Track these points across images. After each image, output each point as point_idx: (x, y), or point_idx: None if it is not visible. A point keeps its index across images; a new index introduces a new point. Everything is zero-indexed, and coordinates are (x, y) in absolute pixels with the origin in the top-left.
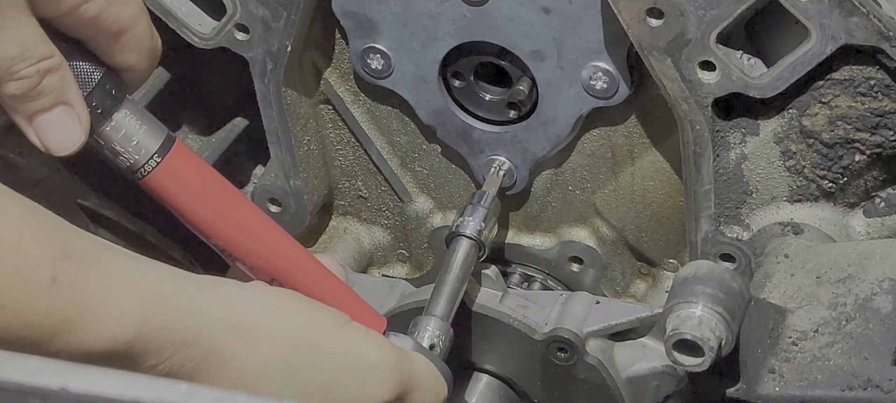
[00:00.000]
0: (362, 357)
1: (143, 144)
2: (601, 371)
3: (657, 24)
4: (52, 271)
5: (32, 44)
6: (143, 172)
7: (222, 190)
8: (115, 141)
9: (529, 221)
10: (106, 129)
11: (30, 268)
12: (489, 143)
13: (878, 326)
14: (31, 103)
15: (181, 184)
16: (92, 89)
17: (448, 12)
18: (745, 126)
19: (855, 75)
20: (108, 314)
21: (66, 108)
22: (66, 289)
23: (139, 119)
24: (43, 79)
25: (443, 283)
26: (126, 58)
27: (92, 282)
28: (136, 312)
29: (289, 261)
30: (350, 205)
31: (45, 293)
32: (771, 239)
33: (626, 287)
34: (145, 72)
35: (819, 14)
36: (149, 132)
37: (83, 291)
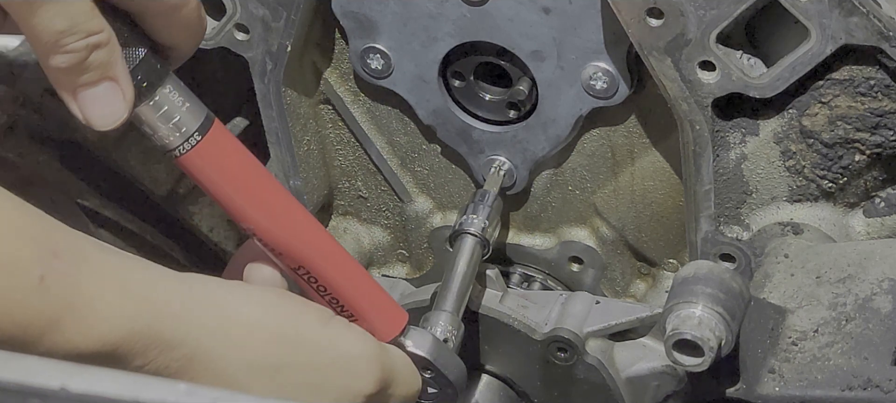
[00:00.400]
0: (346, 351)
1: (183, 123)
2: (601, 371)
3: (657, 24)
4: (42, 270)
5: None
6: (181, 151)
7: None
8: (156, 118)
9: (529, 221)
10: (148, 105)
11: (19, 267)
12: (489, 143)
13: (878, 326)
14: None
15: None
16: (137, 64)
17: (448, 12)
18: (745, 126)
19: (855, 75)
20: (97, 314)
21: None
22: (56, 288)
23: (182, 97)
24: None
25: (451, 279)
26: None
27: (82, 282)
28: (124, 313)
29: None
30: (350, 205)
31: (34, 292)
32: (771, 239)
33: (626, 287)
34: (188, 52)
35: (819, 14)
36: (190, 111)
37: (73, 291)
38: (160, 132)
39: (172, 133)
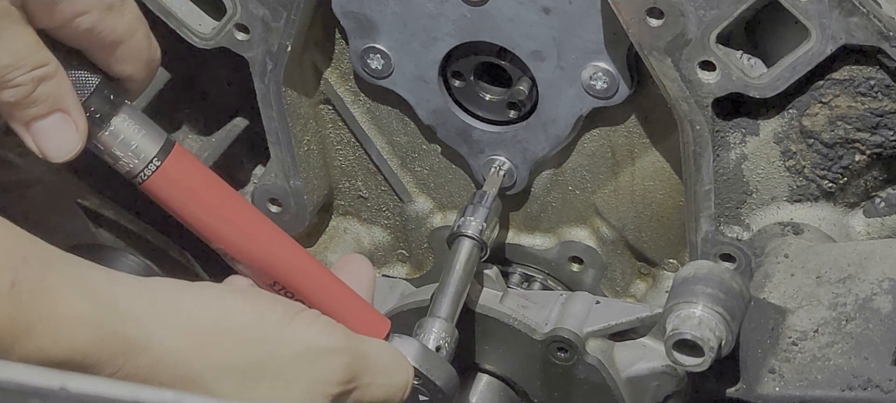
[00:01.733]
0: (311, 344)
1: (142, 149)
2: (601, 371)
3: (657, 24)
4: (12, 275)
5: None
6: (143, 177)
7: (222, 193)
8: (114, 146)
9: (529, 221)
10: (104, 134)
11: None
12: (489, 143)
13: (878, 326)
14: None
15: (181, 188)
16: (89, 95)
17: (448, 12)
18: (745, 126)
19: (855, 75)
20: (66, 321)
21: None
22: (27, 294)
23: (138, 124)
24: (38, 86)
25: (446, 284)
26: (123, 68)
27: (50, 289)
28: (91, 319)
29: (291, 265)
30: (350, 205)
31: (6, 297)
32: (771, 239)
33: (626, 287)
34: (144, 81)
35: (819, 14)
36: (148, 136)
37: (42, 297)
38: (121, 160)
39: (132, 159)
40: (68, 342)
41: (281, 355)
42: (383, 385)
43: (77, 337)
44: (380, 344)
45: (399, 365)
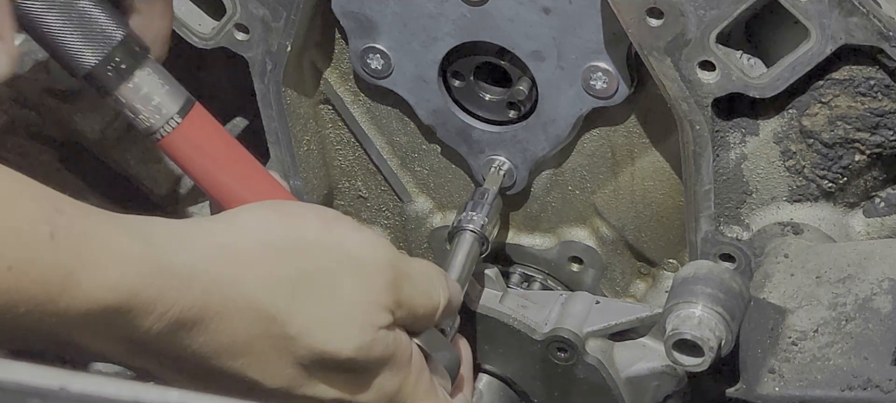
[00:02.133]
0: (355, 252)
1: (163, 105)
2: (601, 371)
3: (657, 24)
4: (50, 226)
5: None
6: (162, 133)
7: (239, 157)
8: (136, 100)
9: (529, 221)
10: (127, 87)
11: (28, 226)
12: (489, 143)
13: (878, 326)
14: None
15: (199, 148)
16: (114, 46)
17: (448, 12)
18: (745, 126)
19: (855, 75)
20: (110, 260)
21: None
22: (65, 242)
23: (161, 79)
24: None
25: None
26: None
27: (88, 233)
28: (135, 255)
29: None
30: (350, 205)
31: (46, 247)
32: (771, 239)
33: (626, 287)
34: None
35: (819, 14)
36: (170, 93)
37: (81, 242)
38: (141, 114)
39: (153, 115)
40: (116, 281)
41: (326, 264)
42: (422, 305)
43: (124, 275)
44: (420, 261)
45: (434, 284)
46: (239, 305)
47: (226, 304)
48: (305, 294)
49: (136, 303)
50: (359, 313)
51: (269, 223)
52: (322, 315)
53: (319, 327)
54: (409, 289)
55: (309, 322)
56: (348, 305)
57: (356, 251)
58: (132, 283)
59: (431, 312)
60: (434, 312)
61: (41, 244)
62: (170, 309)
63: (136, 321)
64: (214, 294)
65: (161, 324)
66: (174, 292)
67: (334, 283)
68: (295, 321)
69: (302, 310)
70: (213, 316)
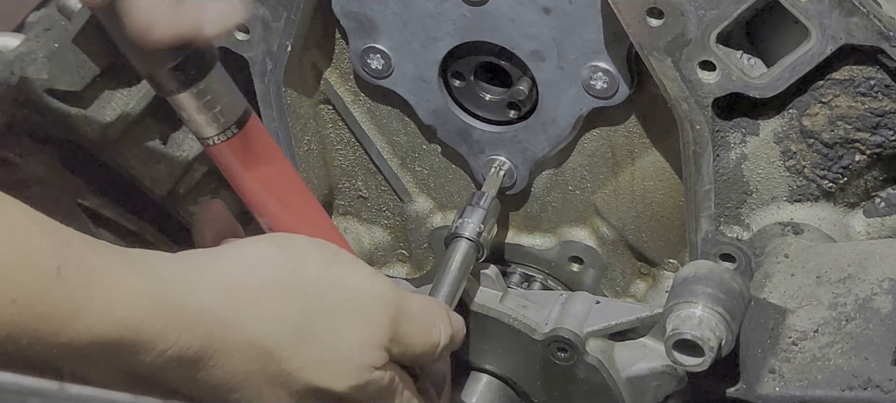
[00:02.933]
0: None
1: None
2: (601, 371)
3: (657, 24)
4: (57, 261)
5: None
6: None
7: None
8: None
9: (529, 221)
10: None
11: (36, 260)
12: (489, 143)
13: (878, 326)
14: None
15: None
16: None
17: (448, 12)
18: (745, 126)
19: (855, 75)
20: (116, 298)
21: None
22: (73, 277)
23: (226, 87)
24: None
25: (440, 283)
26: None
27: (96, 269)
28: (141, 294)
29: None
30: (350, 205)
31: (52, 282)
32: (771, 239)
33: (626, 287)
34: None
35: (819, 14)
36: (230, 104)
37: (89, 278)
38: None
39: (211, 123)
40: (121, 317)
41: (327, 303)
42: (420, 343)
43: (130, 312)
44: (421, 298)
45: (436, 322)
46: (240, 344)
47: (227, 344)
48: (306, 333)
49: (139, 339)
50: (356, 354)
51: (274, 259)
52: (321, 355)
53: (317, 366)
54: (408, 327)
55: (308, 360)
56: (347, 346)
57: (357, 290)
58: (137, 320)
59: (430, 350)
60: (433, 350)
61: (47, 278)
62: (172, 346)
63: (138, 356)
64: (217, 334)
65: (162, 360)
66: (177, 331)
67: (334, 324)
68: (294, 359)
69: (302, 350)
70: (213, 354)
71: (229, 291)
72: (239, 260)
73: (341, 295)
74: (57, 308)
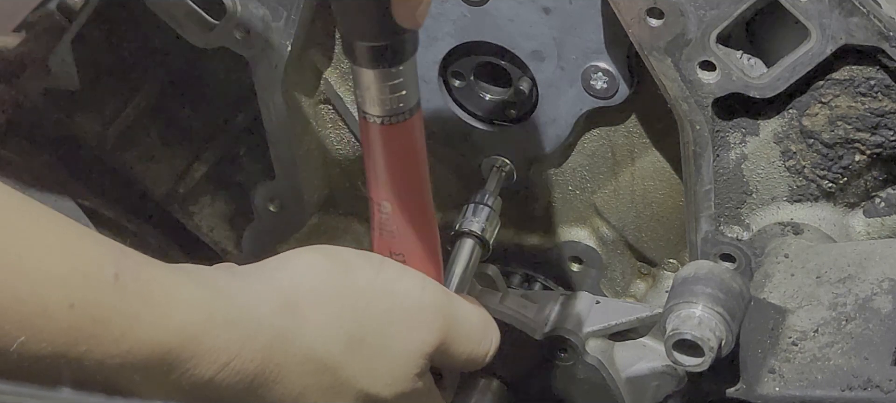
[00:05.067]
0: (405, 299)
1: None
2: (601, 371)
3: (657, 24)
4: (115, 268)
5: None
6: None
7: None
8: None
9: (529, 221)
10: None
11: (94, 267)
12: (489, 143)
13: (878, 326)
14: None
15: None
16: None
17: (448, 12)
18: (745, 126)
19: (855, 75)
20: (176, 305)
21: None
22: (132, 285)
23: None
24: None
25: (448, 281)
26: None
27: (155, 278)
28: (201, 302)
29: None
30: (350, 205)
31: (111, 288)
32: (771, 239)
33: (626, 287)
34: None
35: (819, 14)
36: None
37: (148, 286)
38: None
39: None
40: (181, 325)
41: (377, 310)
42: (467, 351)
43: (190, 320)
44: (471, 307)
45: (486, 329)
46: (299, 357)
47: (286, 358)
48: (358, 343)
49: (199, 351)
50: (403, 363)
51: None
52: (372, 364)
53: (369, 374)
54: (458, 338)
55: (360, 370)
56: (395, 354)
57: (406, 296)
58: (197, 330)
59: (479, 360)
60: (482, 361)
61: (106, 285)
62: (232, 359)
63: (197, 370)
64: (276, 348)
65: (221, 375)
66: (238, 344)
67: (384, 331)
68: (348, 369)
69: (354, 360)
70: (272, 368)
71: (286, 304)
72: (290, 272)
73: (391, 302)
74: (116, 314)
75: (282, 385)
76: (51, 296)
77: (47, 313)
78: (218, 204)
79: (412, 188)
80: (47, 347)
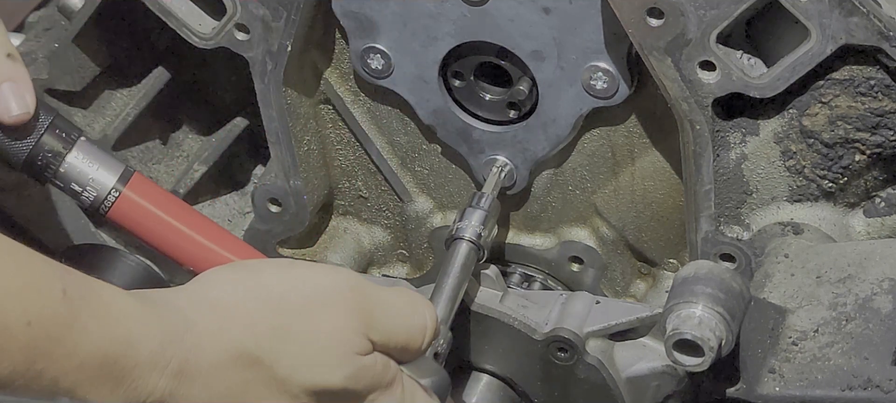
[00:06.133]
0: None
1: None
2: (601, 371)
3: (657, 24)
4: (62, 283)
5: None
6: (105, 207)
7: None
8: (73, 180)
9: (529, 221)
10: (62, 170)
11: (43, 284)
12: (489, 143)
13: (878, 326)
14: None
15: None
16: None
17: (448, 12)
18: (745, 126)
19: (855, 75)
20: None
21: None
22: (77, 298)
23: (93, 157)
24: None
25: (441, 287)
26: None
27: (94, 290)
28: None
29: None
30: (350, 205)
31: (60, 303)
32: (771, 239)
33: (626, 287)
34: None
35: (819, 14)
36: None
37: (89, 298)
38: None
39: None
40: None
41: (294, 301)
42: (402, 327)
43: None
44: (395, 290)
45: (415, 306)
46: (231, 352)
47: (218, 355)
48: (285, 335)
49: (142, 357)
50: (335, 344)
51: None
52: (304, 352)
53: (305, 364)
54: (383, 316)
55: (294, 360)
56: (324, 338)
57: (317, 283)
58: (137, 336)
59: (417, 339)
60: (420, 339)
61: (56, 300)
62: (170, 361)
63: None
64: (206, 345)
65: (165, 379)
66: (172, 345)
67: (307, 320)
68: (282, 362)
69: (286, 350)
70: (208, 367)
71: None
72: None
73: (306, 290)
74: (67, 328)
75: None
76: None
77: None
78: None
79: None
80: (7, 367)
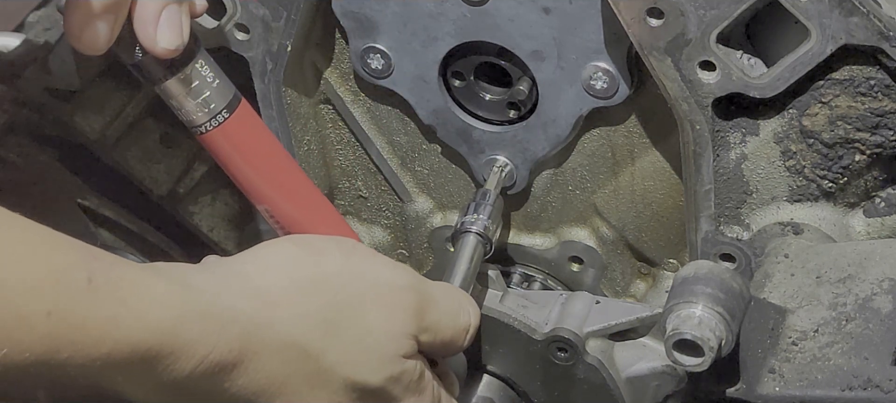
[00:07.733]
0: (378, 279)
1: (212, 100)
2: (601, 371)
3: (657, 24)
4: (87, 272)
5: None
6: (206, 129)
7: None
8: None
9: (529, 221)
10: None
11: (66, 273)
12: (489, 143)
13: (878, 326)
14: None
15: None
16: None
17: (448, 12)
18: (745, 126)
19: (855, 75)
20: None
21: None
22: (105, 287)
23: (213, 73)
24: None
25: (453, 276)
26: None
27: (126, 278)
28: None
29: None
30: (350, 205)
31: (84, 293)
32: (771, 239)
33: (626, 287)
34: None
35: (819, 14)
36: (219, 89)
37: (120, 286)
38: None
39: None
40: (156, 322)
41: (350, 294)
42: (449, 328)
43: (164, 318)
44: (443, 286)
45: (462, 306)
46: (276, 344)
47: (264, 345)
48: (336, 328)
49: (177, 346)
50: (385, 344)
51: (295, 259)
52: (352, 348)
53: (351, 359)
54: (435, 314)
55: (341, 355)
56: (376, 337)
57: (377, 280)
58: (173, 326)
59: (461, 334)
60: (464, 334)
61: (80, 290)
62: (211, 351)
63: (177, 364)
64: (253, 336)
65: (202, 367)
66: (214, 335)
67: (361, 315)
68: (328, 355)
69: (334, 345)
70: (251, 357)
71: (258, 293)
72: (262, 264)
73: (363, 286)
74: (92, 318)
75: (263, 373)
76: (28, 306)
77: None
78: (218, 205)
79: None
80: (29, 356)
